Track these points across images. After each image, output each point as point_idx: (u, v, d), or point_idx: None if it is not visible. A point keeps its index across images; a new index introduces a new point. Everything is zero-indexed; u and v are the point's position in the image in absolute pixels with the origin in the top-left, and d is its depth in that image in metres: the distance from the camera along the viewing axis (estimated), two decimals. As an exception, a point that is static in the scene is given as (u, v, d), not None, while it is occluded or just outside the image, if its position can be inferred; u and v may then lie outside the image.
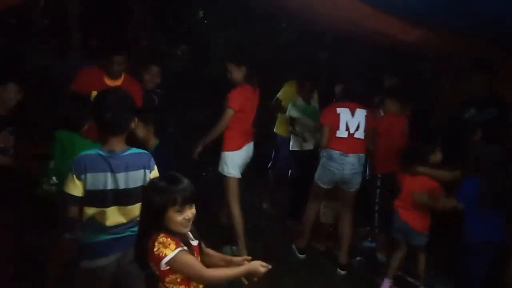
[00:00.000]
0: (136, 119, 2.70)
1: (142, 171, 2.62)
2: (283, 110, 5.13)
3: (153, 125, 3.60)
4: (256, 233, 4.85)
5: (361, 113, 4.29)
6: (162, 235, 2.10)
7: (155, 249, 2.09)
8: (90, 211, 2.59)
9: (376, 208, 4.56)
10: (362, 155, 4.32)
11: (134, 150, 2.65)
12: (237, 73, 4.23)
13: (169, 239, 2.10)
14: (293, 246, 4.70)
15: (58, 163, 3.10)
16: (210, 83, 7.41)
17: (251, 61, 4.35)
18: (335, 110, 4.31)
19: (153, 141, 3.57)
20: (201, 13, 9.42)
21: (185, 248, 2.13)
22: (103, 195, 2.56)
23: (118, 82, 4.04)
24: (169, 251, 2.07)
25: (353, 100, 4.34)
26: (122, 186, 2.58)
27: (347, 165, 4.24)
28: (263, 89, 4.41)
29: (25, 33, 7.22)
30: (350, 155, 4.24)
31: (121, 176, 2.57)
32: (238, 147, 4.26)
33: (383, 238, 4.61)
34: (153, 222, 2.13)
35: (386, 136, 4.42)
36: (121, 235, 2.63)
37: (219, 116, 4.17)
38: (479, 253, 3.55)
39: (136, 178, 2.61)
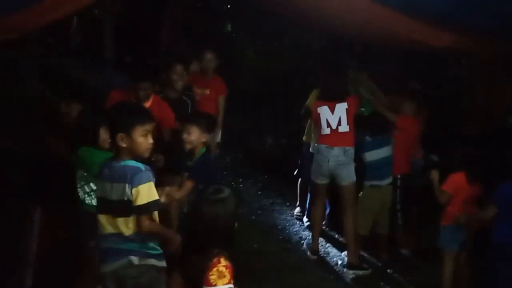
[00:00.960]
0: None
1: (121, 184, 2.55)
2: None
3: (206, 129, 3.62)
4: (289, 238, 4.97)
5: (340, 108, 4.42)
6: (224, 263, 2.12)
7: (210, 273, 2.10)
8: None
9: (398, 207, 4.62)
10: (349, 147, 4.44)
11: (128, 162, 2.58)
12: None
13: (227, 270, 2.12)
14: (305, 246, 4.80)
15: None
16: (241, 94, 7.54)
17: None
18: (316, 110, 4.54)
19: (200, 148, 3.57)
20: (229, 27, 9.60)
21: None
22: (98, 202, 2.69)
23: (147, 104, 4.08)
24: (221, 282, 2.09)
25: (330, 99, 4.48)
26: (112, 197, 2.57)
27: (332, 157, 4.41)
28: (291, 98, 4.48)
29: (61, 50, 7.50)
30: (335, 147, 4.41)
31: (111, 186, 2.57)
32: None
33: (408, 236, 4.67)
34: (213, 238, 2.15)
35: (401, 137, 4.53)
36: (117, 246, 2.60)
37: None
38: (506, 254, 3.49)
39: (120, 191, 2.55)
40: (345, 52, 6.50)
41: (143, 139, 2.57)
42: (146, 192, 2.52)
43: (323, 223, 5.05)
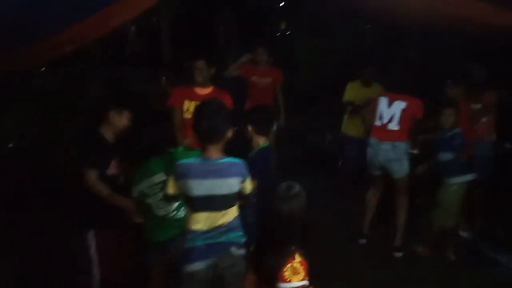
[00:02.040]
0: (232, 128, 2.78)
1: (235, 178, 2.70)
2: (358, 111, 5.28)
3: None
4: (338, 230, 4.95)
5: (398, 106, 4.39)
6: (298, 259, 2.15)
7: (284, 269, 2.13)
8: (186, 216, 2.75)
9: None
10: (399, 143, 4.40)
11: (229, 159, 2.74)
12: None
13: (302, 267, 2.14)
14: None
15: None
16: (298, 92, 7.51)
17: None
18: (377, 100, 4.54)
19: (261, 143, 3.44)
20: (283, 25, 9.58)
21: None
22: (196, 201, 2.68)
23: (208, 91, 4.34)
24: (295, 279, 2.12)
25: (394, 91, 4.46)
26: (214, 192, 2.66)
27: (381, 152, 4.46)
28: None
29: (120, 60, 7.78)
30: (384, 142, 4.44)
31: (215, 182, 2.66)
32: None
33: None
34: (290, 234, 2.18)
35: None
36: (216, 240, 2.71)
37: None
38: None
39: (229, 185, 2.69)
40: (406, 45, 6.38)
41: None
42: (250, 183, 2.81)
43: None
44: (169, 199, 2.89)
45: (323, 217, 5.02)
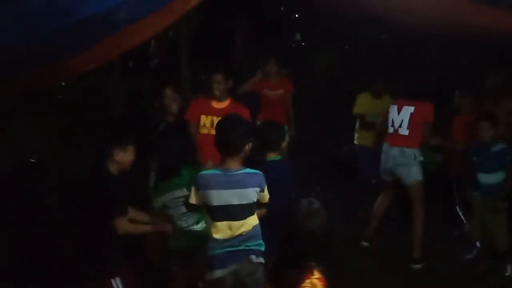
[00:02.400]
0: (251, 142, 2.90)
1: (254, 189, 2.82)
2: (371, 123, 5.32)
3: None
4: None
5: (406, 111, 4.53)
6: (317, 275, 2.18)
7: (303, 285, 2.17)
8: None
9: None
10: (407, 148, 4.50)
11: (247, 170, 2.86)
12: None
13: (321, 283, 2.18)
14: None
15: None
16: (314, 101, 7.56)
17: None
18: (388, 108, 4.71)
19: (273, 156, 3.52)
20: (298, 36, 9.65)
21: None
22: (216, 210, 2.81)
23: (224, 104, 4.39)
24: None
25: (403, 97, 4.63)
26: (233, 202, 2.79)
27: (391, 157, 4.59)
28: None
29: (140, 74, 7.91)
30: (394, 147, 4.56)
31: (232, 192, 2.78)
32: None
33: None
34: (310, 250, 2.22)
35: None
36: (235, 248, 2.83)
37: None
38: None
39: (247, 195, 2.81)
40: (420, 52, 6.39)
41: None
42: (267, 193, 2.96)
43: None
44: (191, 208, 3.03)
45: (339, 228, 5.05)
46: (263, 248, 2.91)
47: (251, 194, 2.84)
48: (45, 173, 4.96)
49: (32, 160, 5.16)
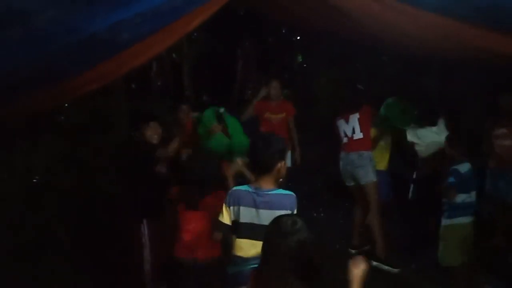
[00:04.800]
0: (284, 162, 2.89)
1: (283, 211, 2.73)
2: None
3: None
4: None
5: (353, 118, 4.98)
6: None
7: None
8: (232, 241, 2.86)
9: None
10: (363, 152, 4.93)
11: (280, 191, 2.85)
12: None
13: None
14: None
15: None
16: (317, 122, 7.54)
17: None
18: (336, 123, 5.20)
19: None
20: (300, 57, 9.73)
21: None
22: (241, 227, 2.81)
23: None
24: None
25: (345, 111, 5.08)
26: (259, 222, 2.77)
27: (349, 161, 5.00)
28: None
29: (144, 94, 7.95)
30: (351, 153, 4.99)
31: (262, 212, 2.77)
32: None
33: None
34: (290, 268, 2.15)
35: None
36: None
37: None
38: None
39: (273, 217, 2.71)
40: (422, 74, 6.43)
41: None
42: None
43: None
44: (221, 229, 2.95)
45: (343, 248, 5.01)
46: None
47: None
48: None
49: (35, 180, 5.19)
